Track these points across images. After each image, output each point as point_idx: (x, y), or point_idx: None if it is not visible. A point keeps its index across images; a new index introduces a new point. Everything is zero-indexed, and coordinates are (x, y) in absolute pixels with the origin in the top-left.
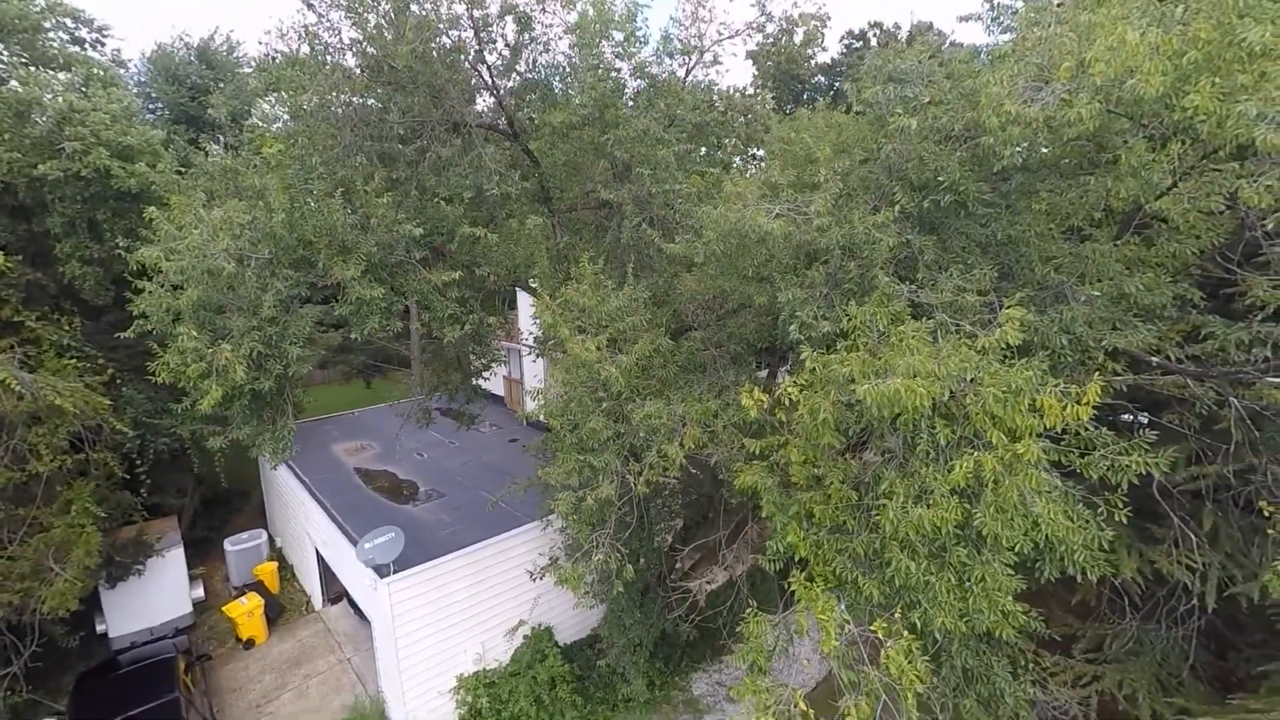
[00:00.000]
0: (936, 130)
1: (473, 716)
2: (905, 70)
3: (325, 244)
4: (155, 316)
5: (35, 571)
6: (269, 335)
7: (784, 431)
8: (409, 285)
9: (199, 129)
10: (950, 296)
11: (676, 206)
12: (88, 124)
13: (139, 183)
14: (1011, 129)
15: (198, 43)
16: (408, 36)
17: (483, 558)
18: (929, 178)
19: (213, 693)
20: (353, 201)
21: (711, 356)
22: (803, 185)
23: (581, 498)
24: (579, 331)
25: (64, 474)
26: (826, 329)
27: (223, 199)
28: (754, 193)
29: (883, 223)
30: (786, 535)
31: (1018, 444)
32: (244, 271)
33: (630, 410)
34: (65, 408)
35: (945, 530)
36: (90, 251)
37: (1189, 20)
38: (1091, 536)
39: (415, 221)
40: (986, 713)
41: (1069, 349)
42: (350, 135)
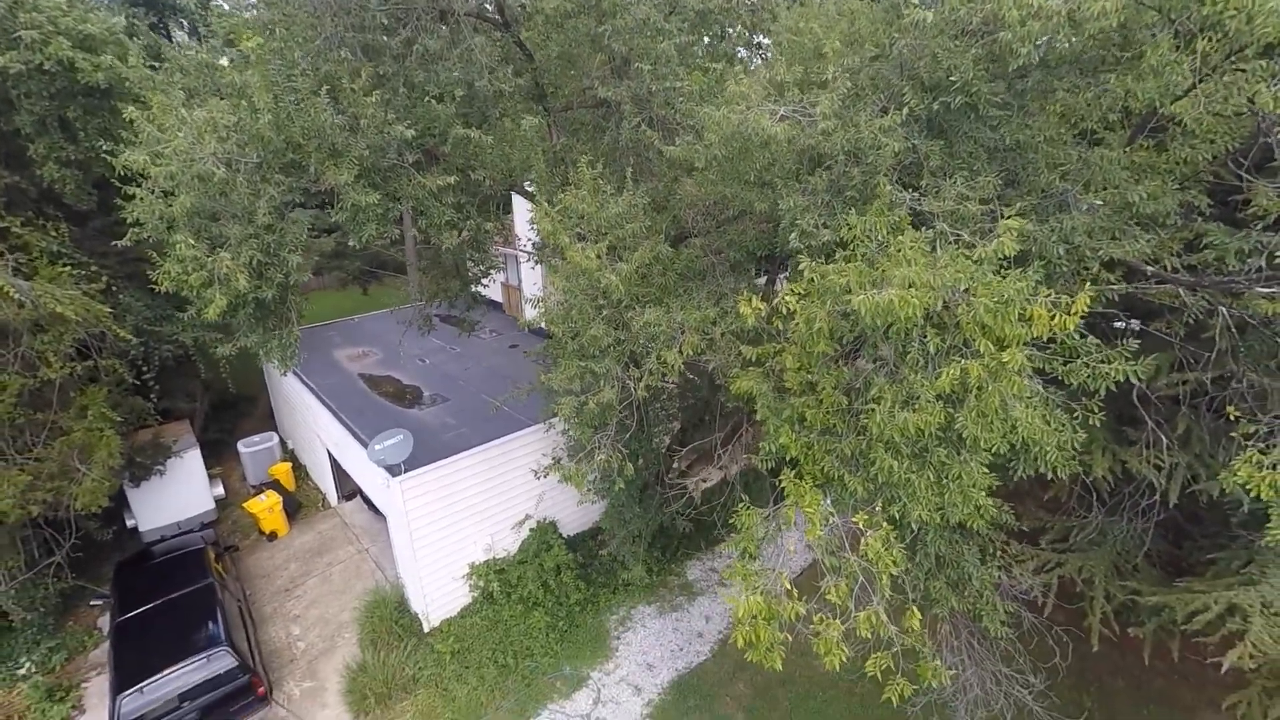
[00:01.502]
0: (954, 24)
1: (486, 598)
2: None
3: (315, 147)
4: (150, 225)
5: (63, 472)
6: (267, 244)
7: (780, 339)
8: (403, 190)
9: (160, 12)
10: (953, 205)
11: (678, 105)
12: (41, 10)
13: (107, 76)
14: (1032, 23)
15: None
16: None
17: (489, 457)
18: (941, 77)
19: (243, 579)
20: (339, 101)
21: (711, 264)
22: (809, 83)
23: (583, 402)
24: (578, 239)
25: (75, 380)
26: (827, 238)
27: (203, 97)
28: (758, 93)
29: (889, 127)
30: (779, 437)
31: (1004, 352)
32: (234, 177)
33: (630, 318)
34: (67, 315)
35: (928, 433)
36: (66, 153)
37: None
38: (1065, 439)
39: (406, 122)
40: (954, 593)
41: (1065, 259)
42: (331, 24)
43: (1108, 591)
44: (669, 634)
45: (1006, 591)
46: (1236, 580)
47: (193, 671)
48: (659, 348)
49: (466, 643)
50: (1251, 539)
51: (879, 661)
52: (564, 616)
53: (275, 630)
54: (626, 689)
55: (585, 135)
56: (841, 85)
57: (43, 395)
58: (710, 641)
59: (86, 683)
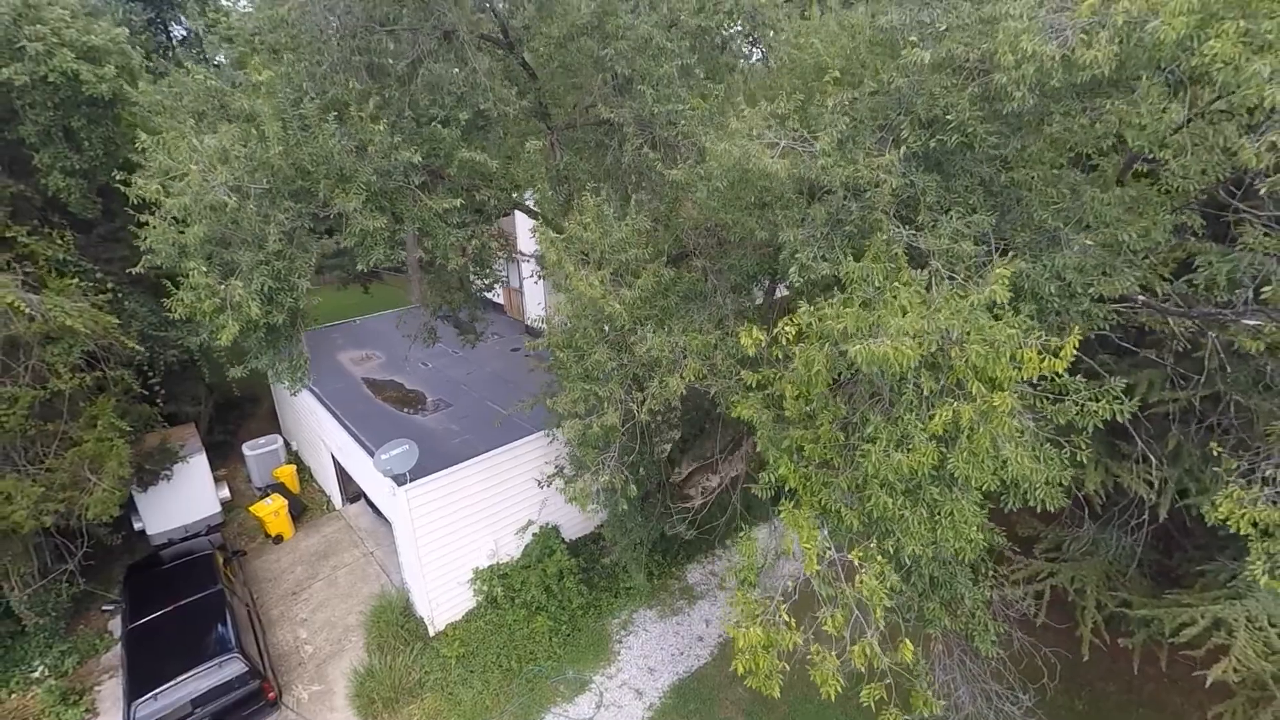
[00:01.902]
0: (950, 61)
1: (490, 603)
2: None
3: (323, 173)
4: (163, 253)
5: (74, 482)
6: (277, 270)
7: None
8: (409, 211)
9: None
10: (948, 243)
11: (680, 126)
12: (46, 22)
13: (110, 88)
14: (1026, 66)
15: None
16: None
17: (493, 464)
18: (938, 114)
19: (250, 582)
20: (346, 125)
21: (712, 286)
22: (809, 102)
23: (588, 425)
24: (582, 264)
25: (84, 391)
26: (826, 272)
27: (212, 121)
28: (759, 123)
29: (888, 164)
30: (779, 468)
31: (995, 395)
32: (245, 204)
33: (633, 341)
34: (76, 328)
35: (922, 472)
36: (71, 162)
37: None
38: (1054, 475)
39: (412, 147)
40: (948, 613)
41: (1057, 296)
42: (337, 47)
43: (1099, 601)
44: (670, 638)
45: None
46: (1223, 594)
47: (205, 677)
48: (661, 372)
49: (471, 647)
50: (1236, 556)
51: (872, 692)
52: (566, 621)
53: (283, 633)
54: (628, 693)
55: (587, 152)
56: (840, 123)
57: (53, 406)
58: (710, 645)
59: (99, 686)
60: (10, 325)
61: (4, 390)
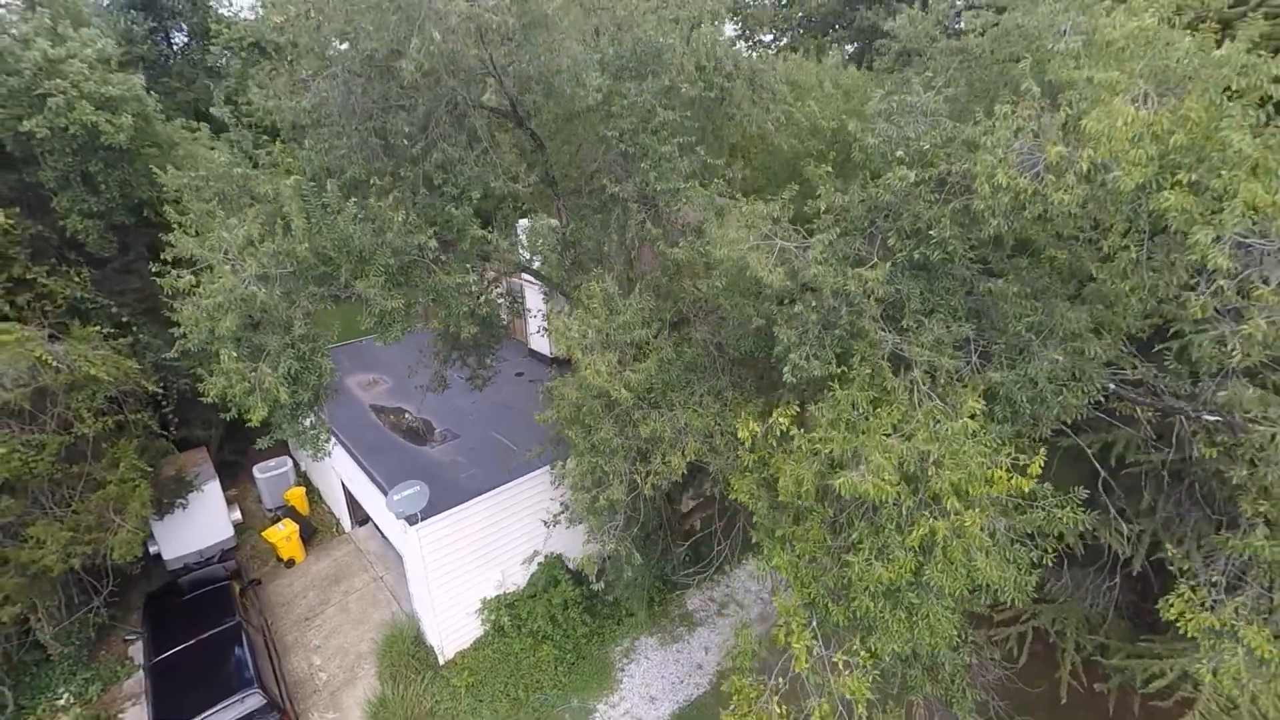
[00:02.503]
0: (935, 177)
1: (497, 632)
2: (912, 104)
3: (344, 258)
4: (195, 338)
5: (100, 524)
6: (302, 352)
7: (776, 449)
8: (423, 282)
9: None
10: (930, 355)
11: (680, 205)
12: (66, 75)
13: (128, 137)
14: (1001, 195)
15: None
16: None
17: (501, 500)
18: (922, 227)
19: (264, 609)
20: (366, 208)
21: (712, 358)
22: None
23: (594, 497)
24: (589, 349)
25: (106, 433)
26: (818, 372)
27: (236, 201)
28: (758, 221)
29: (875, 276)
30: (773, 558)
31: (967, 514)
32: (273, 290)
33: (637, 419)
34: (100, 376)
35: (901, 582)
36: (88, 205)
37: (1185, 89)
38: (1022, 579)
39: (428, 230)
40: (929, 679)
41: (1029, 403)
42: (355, 131)
43: (1078, 643)
44: (670, 665)
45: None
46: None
47: (227, 712)
48: (663, 449)
49: (480, 675)
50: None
51: None
52: (571, 649)
53: (298, 660)
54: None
55: (593, 217)
56: (831, 234)
57: (77, 448)
58: (709, 673)
59: (123, 714)
60: (39, 377)
61: (33, 438)
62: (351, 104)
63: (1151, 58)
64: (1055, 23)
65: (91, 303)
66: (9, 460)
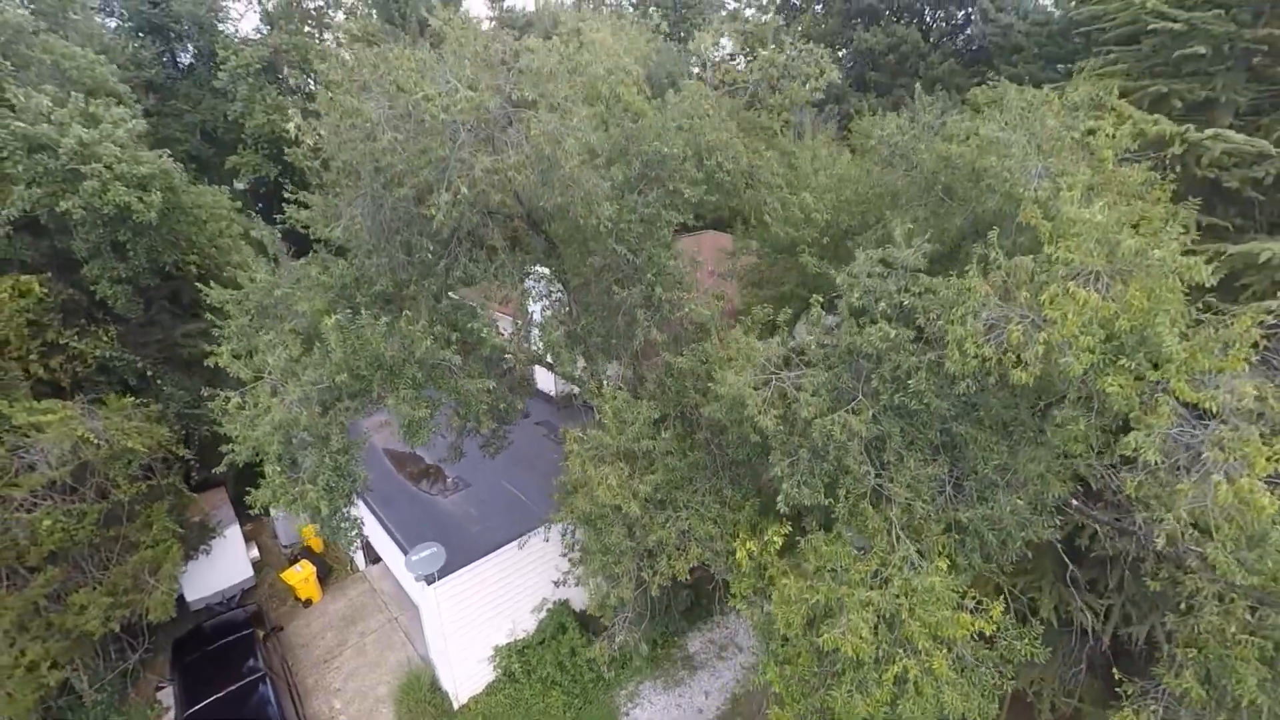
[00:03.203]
0: (913, 329)
1: (508, 678)
2: (893, 257)
3: (376, 376)
4: (242, 451)
5: (136, 586)
6: (339, 464)
7: (771, 562)
8: (446, 384)
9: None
10: (907, 494)
11: (682, 312)
12: (101, 158)
13: (158, 214)
14: (971, 363)
15: None
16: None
17: (512, 556)
18: (901, 376)
19: (285, 651)
20: (396, 329)
21: (713, 455)
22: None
23: (605, 594)
24: (600, 461)
25: (141, 497)
26: (809, 502)
27: (275, 313)
28: (757, 357)
29: (859, 421)
30: (766, 673)
31: (934, 658)
32: (311, 409)
33: (645, 523)
34: (136, 448)
35: (878, 715)
36: (117, 271)
37: (1130, 275)
38: (985, 706)
39: (451, 346)
40: None
41: (995, 538)
42: (384, 252)
43: (1053, 704)
44: (673, 710)
45: None
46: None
47: None
48: (669, 553)
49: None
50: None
51: None
52: (579, 694)
53: (319, 704)
54: None
55: (602, 313)
56: (821, 375)
57: (113, 513)
58: (710, 717)
59: None
60: (81, 454)
61: (74, 508)
62: (381, 220)
63: (1102, 242)
64: (1027, 165)
65: (118, 359)
66: (53, 532)
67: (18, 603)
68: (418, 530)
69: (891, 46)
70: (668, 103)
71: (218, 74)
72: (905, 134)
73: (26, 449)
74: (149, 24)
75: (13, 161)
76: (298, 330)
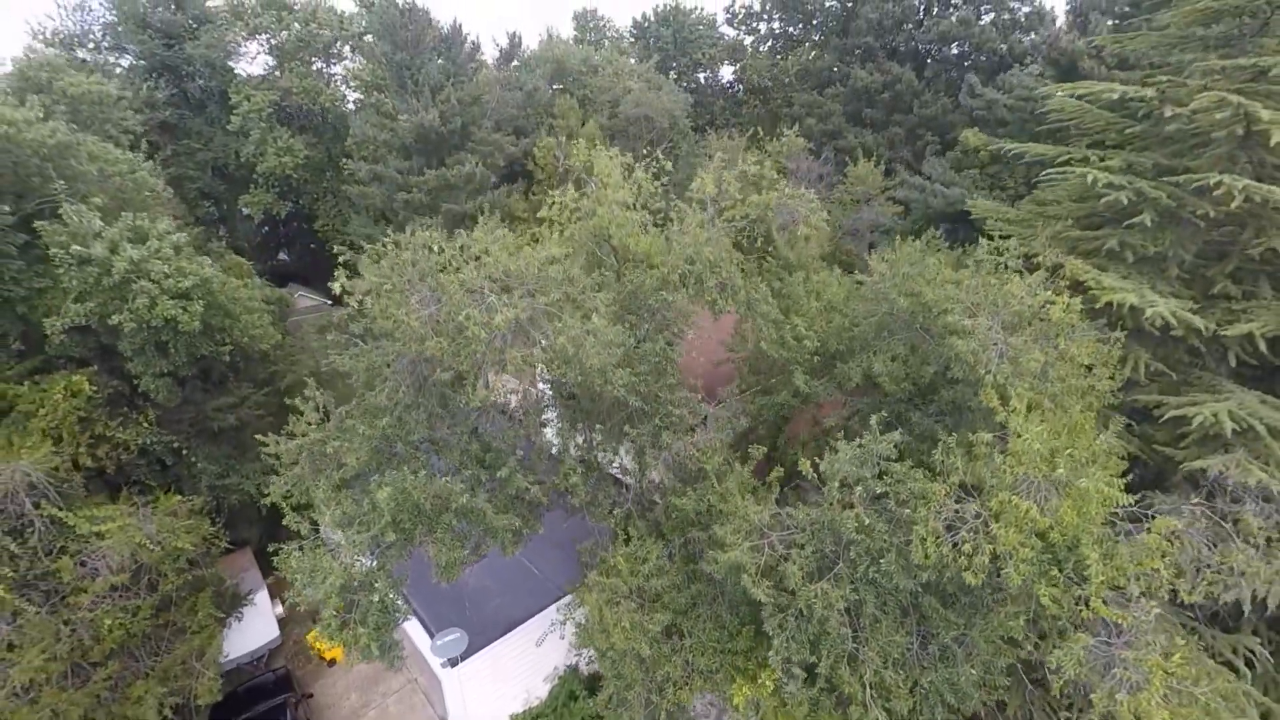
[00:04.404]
0: (885, 512)
1: None
2: (869, 449)
3: (418, 530)
4: (304, 602)
5: (185, 672)
6: (385, 603)
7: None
8: (476, 521)
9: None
10: (879, 661)
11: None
12: (150, 276)
13: (201, 324)
14: (931, 556)
15: None
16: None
17: (528, 633)
18: (874, 555)
19: (313, 714)
20: (436, 487)
21: (713, 585)
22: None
23: (619, 716)
24: (614, 605)
25: (186, 585)
26: (799, 675)
27: (326, 461)
28: (753, 514)
29: (839, 595)
30: None
31: None
32: (363, 562)
33: (655, 657)
34: (185, 548)
35: None
36: (160, 367)
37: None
38: None
39: (480, 494)
40: None
41: (954, 699)
42: (422, 409)
43: None
44: None
45: None
46: None
47: None
48: (675, 688)
49: None
50: None
51: None
52: None
53: None
54: None
55: (612, 444)
56: (810, 562)
57: (162, 602)
58: None
59: None
60: (138, 557)
61: (130, 604)
62: (418, 378)
63: (1041, 459)
64: (989, 343)
65: (155, 442)
66: (114, 630)
67: (83, 698)
68: (436, 602)
69: (887, 85)
70: (672, 241)
71: (230, 117)
72: (887, 280)
73: (88, 555)
74: (163, 65)
75: (67, 276)
76: (345, 479)
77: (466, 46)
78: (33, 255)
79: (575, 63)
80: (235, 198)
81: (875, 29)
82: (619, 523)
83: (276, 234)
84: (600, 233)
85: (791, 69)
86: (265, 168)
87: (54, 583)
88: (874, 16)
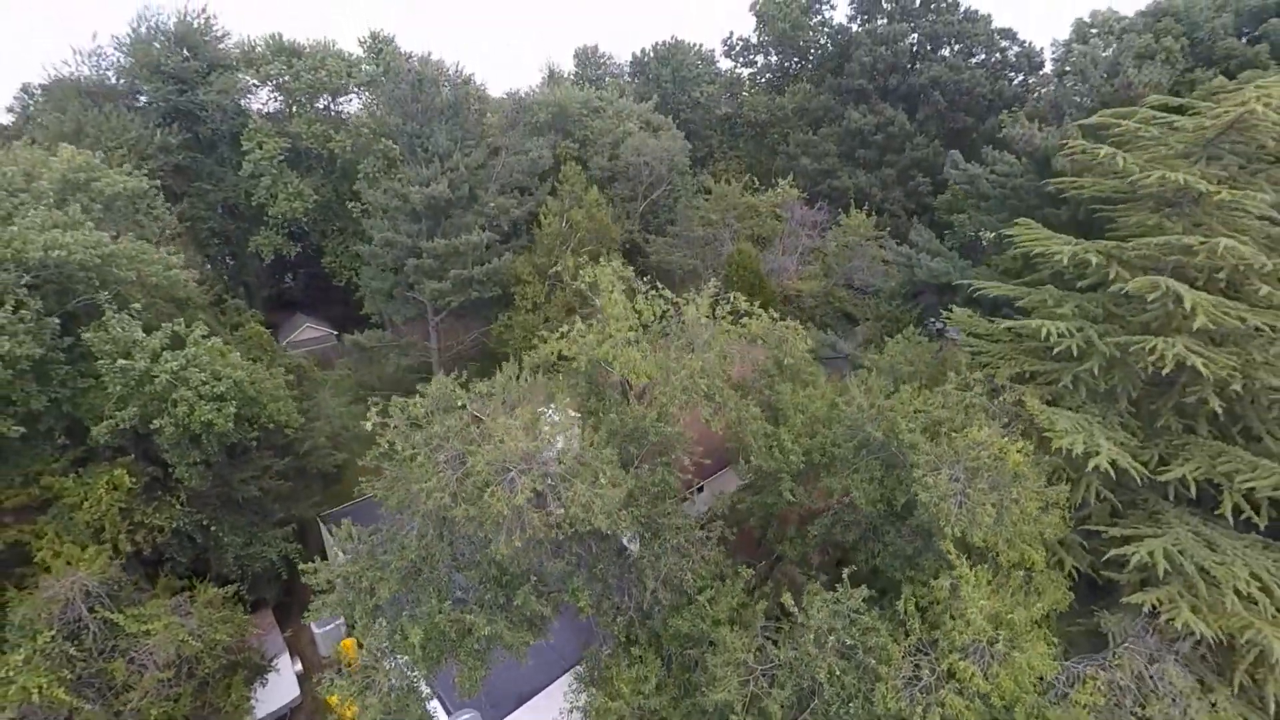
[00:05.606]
0: (854, 659)
1: None
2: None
3: (441, 652)
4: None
5: None
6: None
7: None
8: (495, 640)
9: (192, 124)
10: None
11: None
12: (190, 384)
13: (234, 425)
14: (894, 706)
15: (174, 27)
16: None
17: (538, 704)
18: (844, 698)
19: None
20: (459, 619)
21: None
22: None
23: None
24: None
25: (222, 668)
26: None
27: (364, 590)
28: (737, 656)
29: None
30: None
31: None
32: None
33: None
34: (223, 639)
35: None
36: (193, 457)
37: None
38: None
39: (502, 621)
40: None
41: None
42: (449, 547)
43: None
44: None
45: None
46: None
47: None
48: None
49: None
50: None
51: None
52: None
53: None
54: None
55: (614, 564)
56: (790, 691)
57: (200, 686)
58: None
59: None
60: (181, 651)
61: (172, 692)
62: (442, 521)
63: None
64: (947, 497)
65: (187, 521)
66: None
67: None
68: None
69: (880, 126)
70: (672, 372)
71: (243, 162)
72: (865, 413)
73: (136, 652)
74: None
75: (111, 380)
76: (379, 604)
77: (474, 108)
78: (75, 354)
79: (576, 107)
80: (246, 237)
81: (868, 72)
82: (621, 630)
83: (283, 261)
84: (603, 360)
85: (788, 105)
86: (276, 211)
87: (106, 678)
88: (867, 60)
